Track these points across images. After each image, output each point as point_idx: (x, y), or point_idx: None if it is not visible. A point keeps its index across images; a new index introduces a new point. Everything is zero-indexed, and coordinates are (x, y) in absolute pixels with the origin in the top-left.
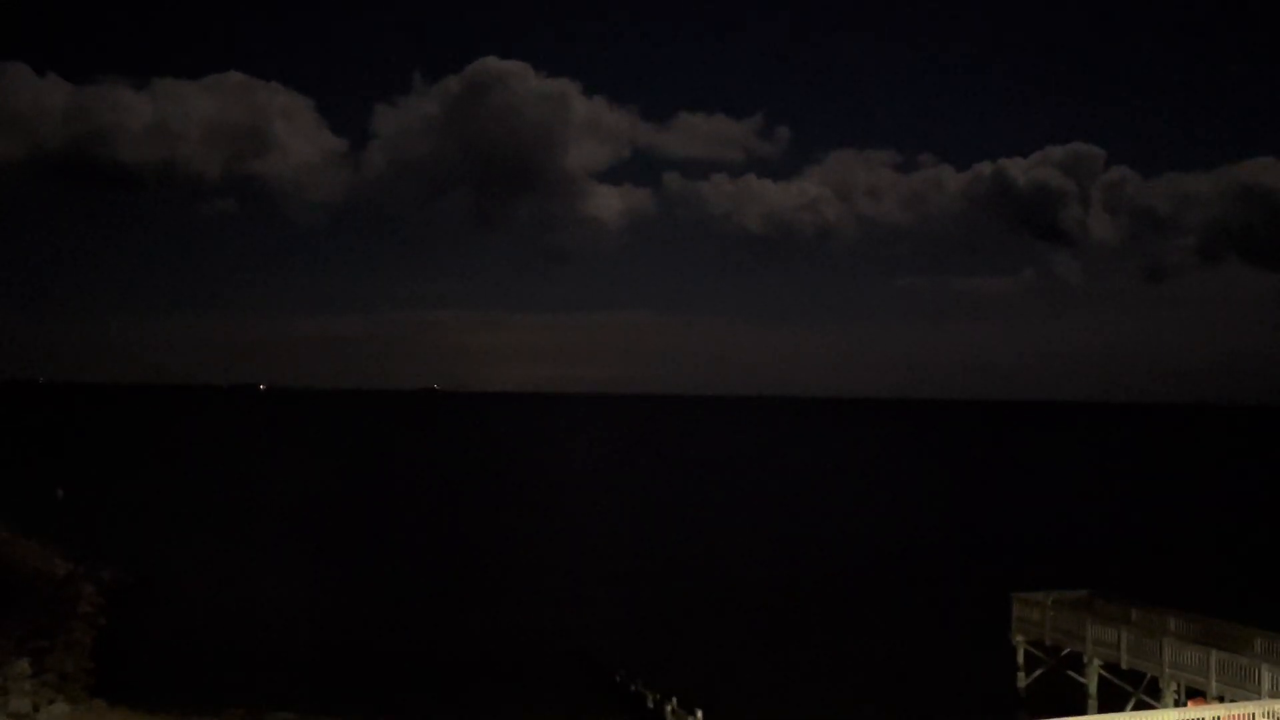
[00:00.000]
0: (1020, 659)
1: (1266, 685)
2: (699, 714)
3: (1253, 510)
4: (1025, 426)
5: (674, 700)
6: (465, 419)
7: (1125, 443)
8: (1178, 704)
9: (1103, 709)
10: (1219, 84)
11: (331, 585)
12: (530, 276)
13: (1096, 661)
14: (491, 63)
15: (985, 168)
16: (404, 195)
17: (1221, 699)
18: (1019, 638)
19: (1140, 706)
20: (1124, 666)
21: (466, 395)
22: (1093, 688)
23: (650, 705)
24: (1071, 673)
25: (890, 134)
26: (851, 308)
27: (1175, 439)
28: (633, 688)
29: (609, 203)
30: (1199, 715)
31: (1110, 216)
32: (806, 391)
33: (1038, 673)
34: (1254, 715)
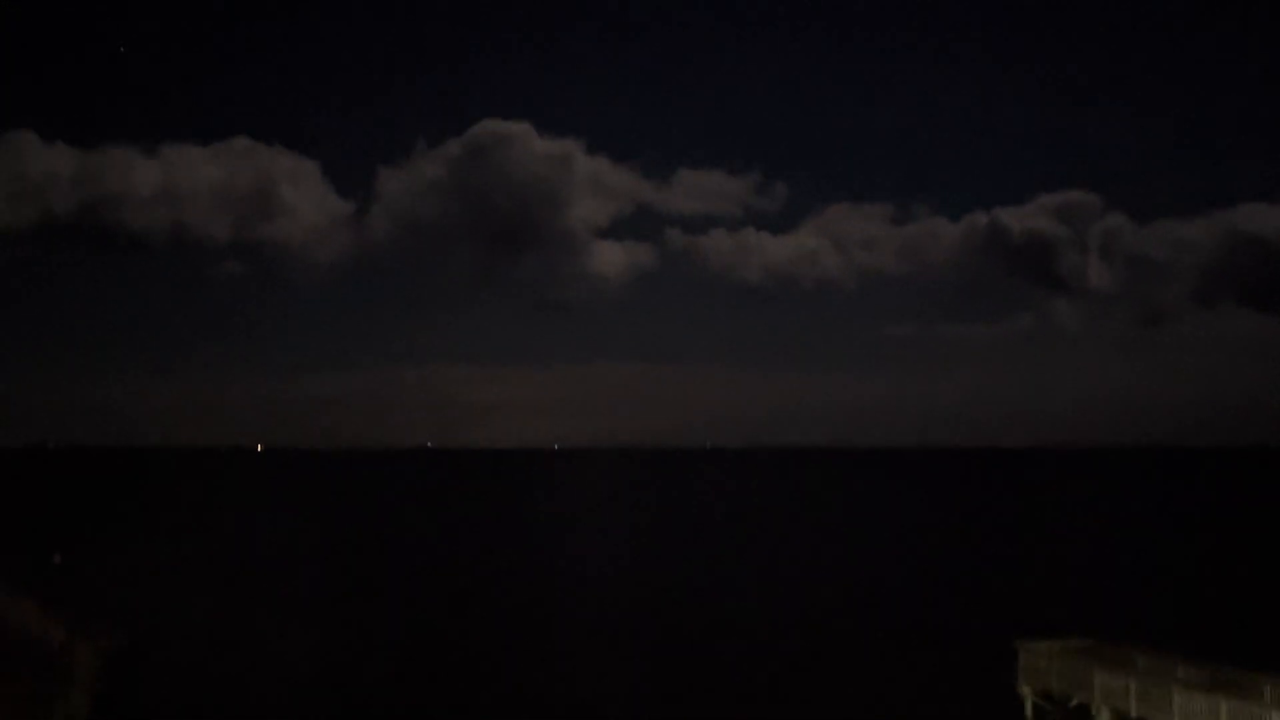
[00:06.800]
0: (1029, 710)
1: None
2: None
3: (1254, 553)
4: (1026, 472)
5: None
6: (464, 477)
7: (1125, 486)
8: None
9: None
10: (1208, 130)
11: (330, 649)
12: (530, 331)
13: (1105, 711)
14: (494, 124)
15: (980, 218)
16: (408, 255)
17: None
18: (1026, 688)
19: None
20: (1133, 715)
21: (463, 452)
22: None
23: None
24: None
25: (885, 187)
26: (850, 357)
27: (1176, 482)
28: None
29: (612, 258)
30: None
31: (1106, 263)
32: (807, 441)
33: None
34: None
